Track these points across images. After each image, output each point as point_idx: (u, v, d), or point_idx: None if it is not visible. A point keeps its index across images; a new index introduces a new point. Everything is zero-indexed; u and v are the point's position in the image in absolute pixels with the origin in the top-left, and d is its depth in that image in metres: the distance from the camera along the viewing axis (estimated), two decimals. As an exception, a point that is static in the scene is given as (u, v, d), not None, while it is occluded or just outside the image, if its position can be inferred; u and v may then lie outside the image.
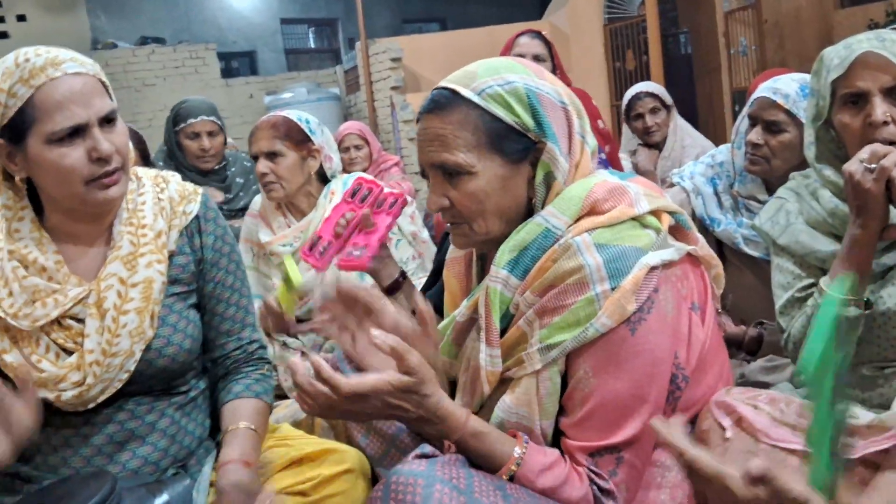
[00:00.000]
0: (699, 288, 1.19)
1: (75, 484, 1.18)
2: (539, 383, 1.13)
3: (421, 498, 0.99)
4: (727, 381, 1.24)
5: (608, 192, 1.16)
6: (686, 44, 9.89)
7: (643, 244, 1.12)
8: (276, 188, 2.28)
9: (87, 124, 1.26)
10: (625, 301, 1.08)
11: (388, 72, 10.35)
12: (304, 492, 1.34)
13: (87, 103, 1.26)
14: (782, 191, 1.61)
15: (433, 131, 1.18)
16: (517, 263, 1.16)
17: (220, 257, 1.48)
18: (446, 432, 1.13)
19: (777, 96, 1.90)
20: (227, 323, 1.50)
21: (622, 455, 1.11)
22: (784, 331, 1.47)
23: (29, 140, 1.25)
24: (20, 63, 1.25)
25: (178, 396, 1.41)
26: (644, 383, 1.10)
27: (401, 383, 1.08)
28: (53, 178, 1.28)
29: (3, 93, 1.24)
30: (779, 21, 8.10)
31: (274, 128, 2.28)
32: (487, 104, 1.16)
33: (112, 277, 1.32)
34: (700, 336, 1.16)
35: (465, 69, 1.22)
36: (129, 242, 1.36)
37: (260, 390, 1.48)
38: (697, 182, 2.14)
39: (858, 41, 1.39)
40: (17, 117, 1.24)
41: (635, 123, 3.66)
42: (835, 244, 1.42)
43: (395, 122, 10.13)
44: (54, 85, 1.24)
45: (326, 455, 1.39)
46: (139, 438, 1.35)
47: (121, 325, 1.30)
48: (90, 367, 1.28)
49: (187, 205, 1.45)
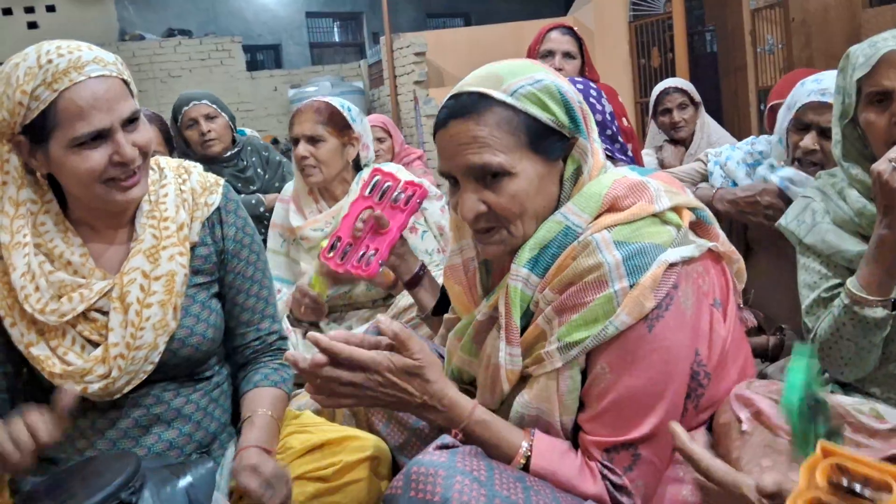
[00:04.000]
0: (720, 284, 1.18)
1: (100, 464, 1.20)
2: (559, 381, 1.13)
3: (441, 489, 0.99)
4: (750, 377, 1.23)
5: (628, 188, 1.15)
6: (712, 41, 9.80)
7: (663, 241, 1.11)
8: (314, 172, 2.29)
9: (111, 129, 1.26)
10: (643, 298, 1.08)
11: (412, 66, 10.35)
12: (324, 477, 1.35)
13: (109, 108, 1.25)
14: (809, 190, 1.60)
15: (468, 134, 1.14)
16: (537, 262, 1.16)
17: (242, 248, 1.49)
18: (452, 420, 1.13)
19: (827, 97, 1.84)
20: (246, 313, 1.51)
21: (639, 452, 1.10)
22: (810, 331, 1.46)
23: (50, 142, 1.25)
24: (42, 64, 1.23)
25: (202, 382, 1.43)
26: (661, 380, 1.09)
27: (402, 363, 1.10)
28: (74, 178, 1.28)
29: (26, 95, 1.23)
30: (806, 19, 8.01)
31: (317, 112, 2.29)
32: (522, 104, 1.15)
33: (135, 271, 1.33)
34: (721, 333, 1.15)
35: (486, 73, 1.19)
36: (151, 236, 1.36)
37: (278, 379, 1.49)
38: (730, 167, 2.11)
39: (884, 39, 1.38)
40: (39, 120, 1.24)
41: (663, 118, 3.63)
42: (862, 244, 1.40)
43: (418, 117, 10.14)
44: (77, 90, 1.23)
45: (347, 442, 1.40)
46: (165, 423, 1.37)
47: (144, 319, 1.31)
48: (115, 360, 1.29)
49: (209, 196, 1.45)
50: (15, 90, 1.23)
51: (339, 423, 1.61)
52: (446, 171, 1.20)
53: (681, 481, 1.14)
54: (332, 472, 1.36)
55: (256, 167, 3.36)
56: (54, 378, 1.28)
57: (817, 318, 1.45)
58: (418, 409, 1.14)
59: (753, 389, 1.14)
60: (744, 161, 2.12)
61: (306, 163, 2.28)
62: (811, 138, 1.88)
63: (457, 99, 1.17)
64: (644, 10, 9.45)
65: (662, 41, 8.86)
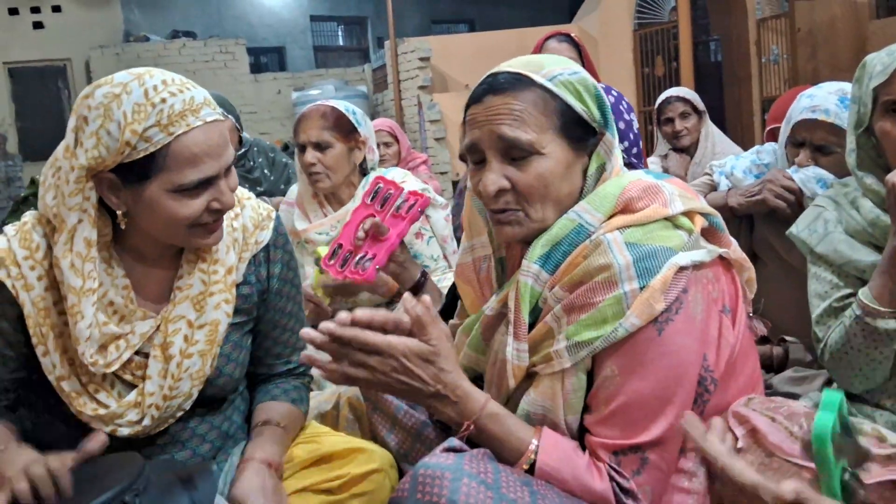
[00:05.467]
0: (730, 291, 1.17)
1: (104, 466, 1.18)
2: (565, 380, 1.13)
3: (448, 491, 0.98)
4: (757, 386, 1.22)
5: (642, 190, 1.16)
6: (716, 51, 9.83)
7: (674, 244, 1.11)
8: (323, 178, 2.27)
9: (216, 177, 1.22)
10: (653, 300, 1.07)
11: (417, 71, 10.38)
12: (330, 489, 1.33)
13: (219, 155, 1.20)
14: (820, 199, 1.59)
15: (504, 107, 1.15)
16: (549, 258, 1.16)
17: (284, 285, 1.45)
18: (464, 413, 1.12)
19: (817, 114, 1.83)
20: (279, 347, 1.47)
21: (647, 456, 1.09)
22: (820, 340, 1.44)
23: (149, 184, 1.18)
24: (155, 102, 1.15)
25: (219, 404, 1.40)
26: (669, 384, 1.09)
27: (419, 349, 1.09)
28: (162, 221, 1.21)
29: (136, 135, 1.14)
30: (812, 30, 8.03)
31: (323, 118, 2.26)
32: (559, 90, 1.17)
33: (181, 320, 1.28)
34: (730, 340, 1.15)
35: (526, 59, 1.22)
36: (199, 281, 1.30)
37: (296, 397, 1.46)
38: (736, 177, 2.10)
39: None
40: (145, 161, 1.16)
41: (665, 128, 3.67)
42: (874, 255, 1.39)
43: (422, 122, 10.15)
44: (192, 136, 1.17)
45: (355, 454, 1.37)
46: (179, 443, 1.34)
47: (184, 370, 1.27)
48: (149, 408, 1.26)
49: (260, 233, 1.39)
50: (122, 128, 1.14)
51: (342, 428, 1.59)
52: (475, 142, 1.19)
53: (687, 491, 1.13)
54: (338, 484, 1.33)
55: (263, 168, 3.35)
56: (82, 417, 1.24)
57: (827, 328, 1.44)
58: (431, 398, 1.13)
59: (751, 406, 1.12)
60: (749, 171, 2.12)
61: (314, 169, 2.26)
62: (805, 155, 1.88)
63: (495, 77, 1.19)
64: (649, 18, 9.47)
65: (667, 50, 8.88)
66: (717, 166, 2.21)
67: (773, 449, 1.05)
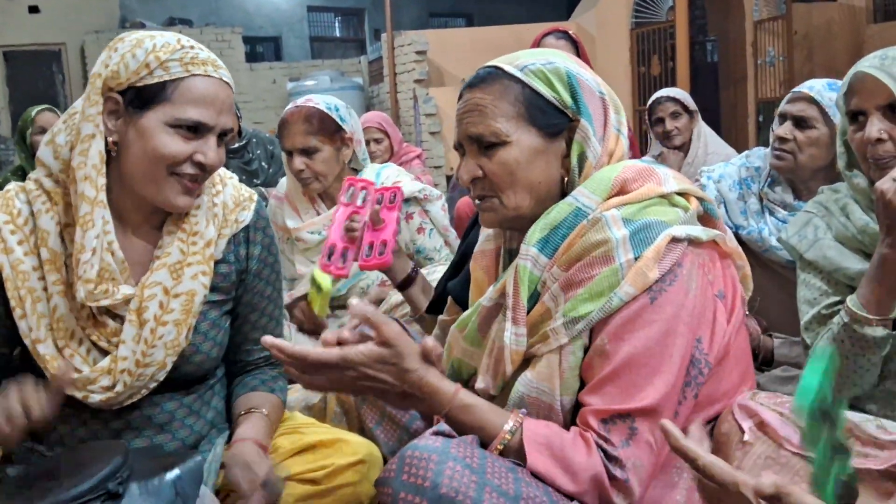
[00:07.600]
0: (725, 278, 1.18)
1: (87, 453, 1.18)
2: (562, 357, 1.13)
3: (433, 473, 0.99)
4: (750, 385, 1.23)
5: (637, 172, 1.18)
6: (713, 52, 9.84)
7: (669, 219, 1.13)
8: (313, 183, 2.26)
9: (211, 129, 1.27)
10: (647, 269, 1.09)
11: (413, 64, 10.36)
12: (315, 479, 1.33)
13: (220, 111, 1.27)
14: (811, 205, 1.60)
15: (473, 102, 1.21)
16: (547, 242, 1.17)
17: (264, 268, 1.46)
18: (434, 407, 1.12)
19: (804, 88, 1.92)
20: (257, 332, 1.47)
21: (635, 426, 1.09)
22: (809, 347, 1.45)
23: (149, 112, 1.24)
24: (184, 45, 1.26)
25: (197, 387, 1.40)
26: (658, 351, 1.09)
27: (377, 354, 1.08)
28: (149, 156, 1.25)
29: (158, 61, 1.23)
30: (809, 33, 8.05)
31: (307, 122, 2.22)
32: (528, 78, 1.20)
33: (157, 286, 1.29)
34: (724, 325, 1.15)
35: (512, 54, 1.25)
36: (178, 250, 1.32)
37: (276, 387, 1.47)
38: (723, 188, 2.12)
39: (865, 60, 1.42)
40: (155, 88, 1.23)
41: (656, 128, 3.71)
42: (864, 262, 1.40)
43: (418, 115, 10.13)
44: (205, 81, 1.25)
45: (339, 445, 1.37)
46: (157, 426, 1.34)
47: (158, 336, 1.28)
48: (121, 374, 1.26)
49: (240, 212, 1.41)
50: (147, 53, 1.23)
51: (329, 421, 1.59)
52: (457, 139, 1.26)
53: (674, 486, 1.13)
54: (322, 474, 1.33)
55: (261, 160, 3.34)
56: (56, 380, 1.23)
57: (816, 335, 1.44)
58: (399, 397, 1.13)
59: (758, 401, 1.13)
60: (737, 182, 2.13)
61: (304, 175, 2.24)
62: (786, 127, 1.93)
63: (476, 72, 1.24)
64: (646, 17, 9.47)
65: (663, 49, 8.88)
66: (706, 171, 2.22)
67: (783, 441, 1.06)
